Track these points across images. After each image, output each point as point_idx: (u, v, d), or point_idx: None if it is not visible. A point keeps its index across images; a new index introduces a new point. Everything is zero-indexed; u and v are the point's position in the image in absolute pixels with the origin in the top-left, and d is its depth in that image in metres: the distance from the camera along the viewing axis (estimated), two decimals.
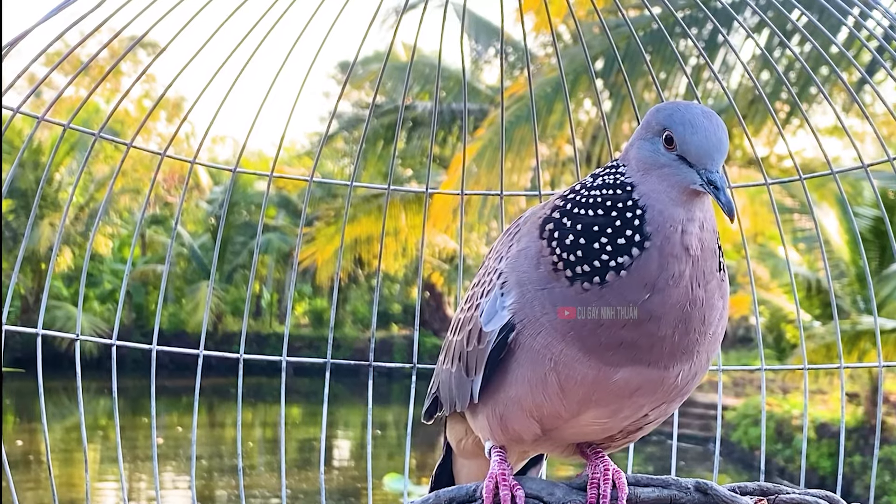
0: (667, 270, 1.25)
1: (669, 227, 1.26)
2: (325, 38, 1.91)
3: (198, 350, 1.99)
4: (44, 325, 1.85)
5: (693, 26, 10.52)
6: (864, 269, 1.91)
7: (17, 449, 12.34)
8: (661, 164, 1.29)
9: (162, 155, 1.94)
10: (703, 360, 1.35)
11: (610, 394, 1.32)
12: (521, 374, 1.35)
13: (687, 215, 1.27)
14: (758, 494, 1.51)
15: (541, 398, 1.35)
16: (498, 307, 1.35)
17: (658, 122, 1.31)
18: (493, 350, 1.36)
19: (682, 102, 1.34)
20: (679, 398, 1.38)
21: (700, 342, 1.31)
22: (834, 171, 1.93)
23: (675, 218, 1.27)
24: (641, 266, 1.25)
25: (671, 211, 1.27)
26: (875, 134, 1.83)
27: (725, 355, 15.64)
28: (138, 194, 21.33)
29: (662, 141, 1.30)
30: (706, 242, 1.28)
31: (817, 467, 11.82)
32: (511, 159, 11.71)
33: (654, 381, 1.31)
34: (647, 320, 1.26)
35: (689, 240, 1.26)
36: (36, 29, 1.61)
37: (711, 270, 1.29)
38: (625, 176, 1.31)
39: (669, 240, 1.26)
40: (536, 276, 1.31)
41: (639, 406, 1.35)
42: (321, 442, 2.07)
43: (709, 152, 1.27)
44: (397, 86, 17.47)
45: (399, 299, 23.92)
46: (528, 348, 1.32)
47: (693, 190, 1.27)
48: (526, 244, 1.35)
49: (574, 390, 1.32)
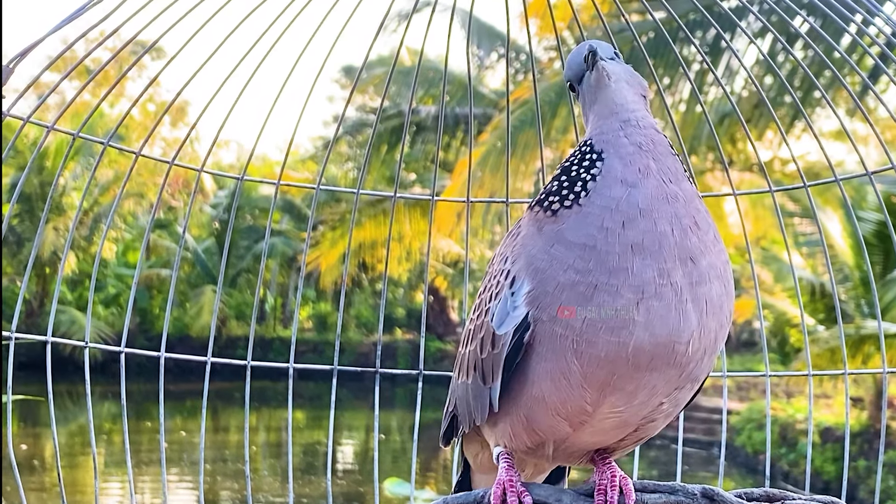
0: (631, 165, 1.33)
1: (613, 136, 1.37)
2: (333, 45, 1.91)
3: (205, 357, 2.00)
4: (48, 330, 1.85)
5: (696, 31, 10.52)
6: (867, 274, 1.92)
7: (22, 453, 12.34)
8: (586, 104, 1.46)
9: (170, 163, 1.95)
10: (711, 334, 1.34)
11: (628, 368, 1.31)
12: (543, 370, 1.34)
13: (620, 118, 1.39)
14: (764, 500, 1.51)
15: (565, 391, 1.34)
16: (510, 307, 1.35)
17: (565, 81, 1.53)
18: (510, 351, 1.36)
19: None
20: (689, 383, 1.37)
21: (703, 252, 1.32)
22: (838, 178, 1.93)
23: (613, 127, 1.38)
24: (608, 169, 1.34)
25: (607, 124, 1.39)
26: (878, 139, 1.84)
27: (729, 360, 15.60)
28: (142, 198, 21.33)
29: (570, 91, 1.53)
30: (653, 138, 1.37)
31: (821, 472, 11.80)
32: (515, 164, 11.72)
33: (665, 348, 1.30)
34: (639, 216, 1.30)
35: (635, 138, 1.36)
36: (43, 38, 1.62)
37: (677, 169, 1.37)
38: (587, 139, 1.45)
39: (618, 144, 1.36)
40: (542, 240, 1.35)
41: (653, 388, 1.34)
42: (328, 447, 2.08)
43: (577, 58, 1.46)
44: (401, 90, 17.48)
45: (403, 304, 23.90)
46: (548, 337, 1.32)
47: (598, 85, 1.42)
48: (525, 230, 1.40)
49: (595, 374, 1.31)
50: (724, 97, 11.93)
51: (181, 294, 22.36)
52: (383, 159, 17.97)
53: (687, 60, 11.25)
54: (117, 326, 20.61)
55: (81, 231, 20.65)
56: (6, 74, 1.54)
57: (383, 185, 18.57)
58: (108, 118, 19.69)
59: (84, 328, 1.94)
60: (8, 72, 1.54)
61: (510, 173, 2.15)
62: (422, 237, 15.77)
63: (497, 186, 11.60)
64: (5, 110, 1.66)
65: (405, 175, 20.24)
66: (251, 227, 22.93)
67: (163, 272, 22.07)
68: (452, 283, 20.86)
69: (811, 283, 12.55)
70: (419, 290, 23.18)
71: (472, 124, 2.08)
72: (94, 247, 20.78)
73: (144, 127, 21.81)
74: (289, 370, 2.01)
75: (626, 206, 1.30)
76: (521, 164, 11.87)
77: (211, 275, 22.35)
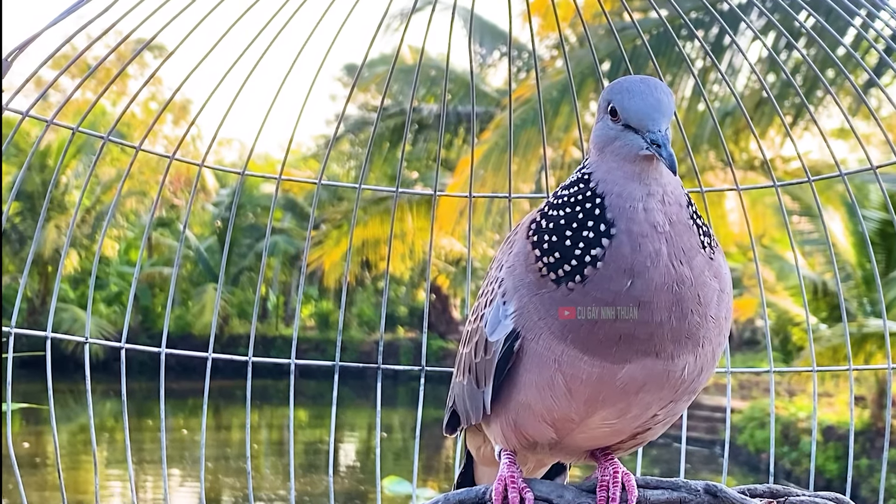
0: (640, 252, 1.25)
1: (630, 207, 1.26)
2: (333, 42, 1.91)
3: (206, 353, 1.99)
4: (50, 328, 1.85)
5: (700, 28, 10.51)
6: (871, 272, 1.90)
7: (23, 451, 12.35)
8: (611, 139, 1.30)
9: (171, 158, 1.94)
10: (709, 354, 1.33)
11: (616, 391, 1.31)
12: (529, 380, 1.35)
13: (644, 190, 1.27)
14: (767, 497, 1.50)
15: (550, 401, 1.34)
16: (501, 316, 1.36)
17: (603, 99, 1.33)
18: (500, 359, 1.36)
19: (625, 77, 1.36)
20: (686, 396, 1.37)
21: (702, 325, 1.29)
22: (843, 173, 1.92)
23: (634, 196, 1.27)
24: (614, 253, 1.25)
25: (628, 190, 1.27)
26: (884, 135, 1.83)
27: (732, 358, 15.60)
28: (144, 196, 21.35)
29: (608, 115, 1.31)
30: (674, 216, 1.27)
31: (823, 470, 11.80)
32: (517, 162, 11.71)
33: (659, 375, 1.30)
34: (637, 307, 1.25)
35: (653, 217, 1.26)
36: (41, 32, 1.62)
37: (691, 246, 1.28)
38: (585, 167, 1.33)
39: (634, 220, 1.26)
40: (529, 281, 1.31)
41: (646, 404, 1.34)
42: (330, 445, 2.07)
43: (648, 113, 1.27)
44: (403, 88, 17.48)
45: (405, 302, 23.91)
46: (533, 353, 1.32)
47: (644, 157, 1.28)
48: (518, 249, 1.36)
49: (581, 390, 1.32)
50: (725, 95, 11.92)
51: (183, 292, 22.37)
52: (385, 157, 17.97)
53: (690, 57, 11.24)
54: (119, 324, 20.62)
55: (83, 229, 20.67)
56: (5, 68, 1.53)
57: (385, 183, 18.57)
58: (112, 116, 19.69)
59: (86, 325, 1.93)
60: (7, 65, 1.53)
61: (512, 172, 2.14)
62: (424, 235, 15.78)
63: (499, 185, 11.60)
64: (4, 104, 1.65)
65: (407, 174, 20.22)
66: (253, 226, 22.94)
67: (165, 270, 22.08)
68: (455, 281, 20.85)
69: (813, 281, 12.54)
70: (421, 289, 23.19)
71: (475, 122, 2.07)
72: (96, 245, 20.78)
73: (146, 125, 21.78)
74: (291, 366, 2.01)
75: (624, 299, 1.25)
76: (522, 162, 11.86)
77: (213, 273, 22.36)
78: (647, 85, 1.30)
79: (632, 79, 1.32)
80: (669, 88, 1.31)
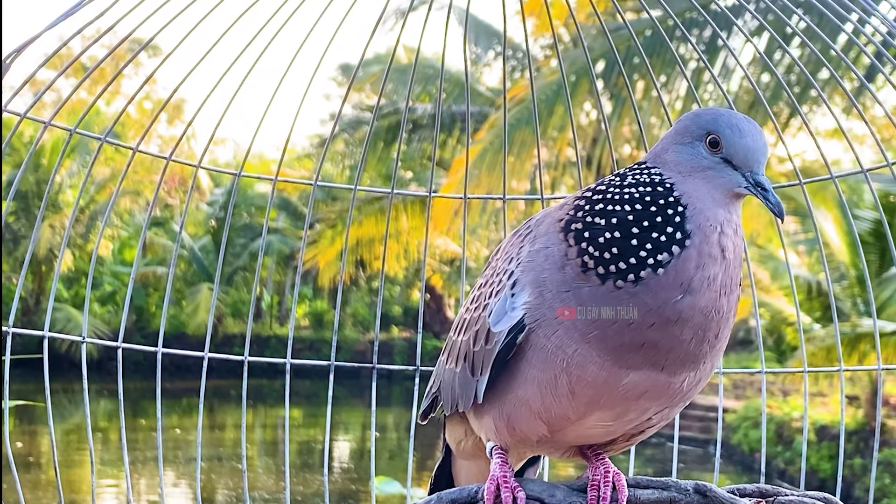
0: (703, 271, 1.25)
1: (710, 226, 1.27)
2: (329, 43, 1.92)
3: (202, 353, 2.00)
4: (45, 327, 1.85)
5: (694, 27, 10.54)
6: (863, 272, 1.92)
7: (18, 450, 12.33)
8: (703, 167, 1.31)
9: (167, 159, 1.95)
10: (708, 369, 1.36)
11: (618, 396, 1.32)
12: (531, 375, 1.35)
13: (727, 216, 1.29)
14: (756, 496, 1.51)
15: (550, 400, 1.34)
16: (508, 308, 1.35)
17: (700, 127, 1.33)
18: (501, 350, 1.36)
19: (721, 109, 1.37)
20: (682, 402, 1.39)
21: (709, 353, 1.32)
22: (834, 176, 1.94)
23: (717, 218, 1.28)
24: (680, 265, 1.25)
25: (713, 211, 1.28)
26: (874, 138, 1.85)
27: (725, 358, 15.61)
28: (138, 196, 21.30)
29: (705, 144, 1.31)
30: (738, 248, 1.30)
31: (817, 469, 11.82)
32: (511, 162, 11.73)
33: (661, 386, 1.32)
34: (674, 322, 1.26)
35: (726, 241, 1.27)
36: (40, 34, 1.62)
37: (736, 281, 1.31)
38: (663, 176, 1.32)
39: (709, 239, 1.26)
40: (560, 278, 1.30)
41: (643, 410, 1.36)
42: (325, 444, 2.08)
43: (756, 155, 1.30)
44: (397, 87, 17.47)
45: (399, 301, 23.91)
46: (541, 348, 1.32)
47: (735, 193, 1.30)
48: (545, 245, 1.34)
49: (584, 392, 1.32)
50: (718, 96, 11.94)
51: (178, 292, 22.36)
52: (380, 157, 17.95)
53: (683, 59, 11.27)
54: (114, 324, 20.60)
55: (78, 229, 20.63)
56: (5, 69, 1.54)
57: (380, 183, 18.58)
58: (106, 116, 19.67)
59: (80, 325, 1.94)
60: (6, 67, 1.54)
61: (506, 171, 2.16)
62: (418, 235, 15.78)
63: (493, 184, 11.60)
64: (3, 105, 1.66)
65: (402, 174, 20.22)
66: (248, 225, 22.93)
67: (159, 270, 22.06)
68: (449, 280, 20.86)
69: (807, 281, 12.56)
70: (416, 288, 23.18)
71: (469, 121, 2.08)
72: (91, 244, 20.76)
73: (142, 125, 21.76)
74: (286, 365, 2.02)
75: (669, 310, 1.25)
76: (516, 162, 11.87)
77: (207, 273, 22.35)
78: (753, 126, 1.32)
79: (737, 116, 1.33)
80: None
